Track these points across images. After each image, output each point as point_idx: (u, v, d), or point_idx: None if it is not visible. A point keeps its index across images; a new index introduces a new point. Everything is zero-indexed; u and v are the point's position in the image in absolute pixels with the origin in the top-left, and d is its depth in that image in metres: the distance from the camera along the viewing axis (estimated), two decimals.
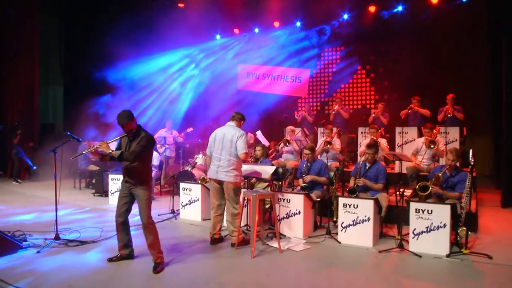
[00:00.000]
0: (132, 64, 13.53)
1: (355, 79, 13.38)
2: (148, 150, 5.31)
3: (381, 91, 12.94)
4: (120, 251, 5.59)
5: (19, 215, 8.35)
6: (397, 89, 12.32)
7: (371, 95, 13.18)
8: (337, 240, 6.43)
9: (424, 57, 11.66)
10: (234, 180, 6.10)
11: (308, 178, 7.30)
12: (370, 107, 13.03)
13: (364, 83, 13.24)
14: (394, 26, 12.06)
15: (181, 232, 7.13)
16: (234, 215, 6.13)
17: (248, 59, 14.85)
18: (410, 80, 11.63)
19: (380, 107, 10.78)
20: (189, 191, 7.88)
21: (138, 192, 5.31)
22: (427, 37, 11.55)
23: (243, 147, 6.09)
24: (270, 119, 13.32)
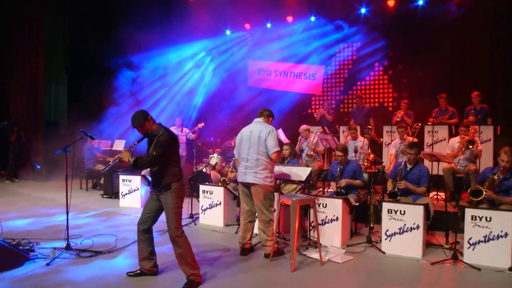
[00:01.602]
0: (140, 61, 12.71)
1: (372, 76, 12.57)
2: (168, 150, 4.42)
3: (400, 89, 12.15)
4: (140, 264, 4.75)
5: (24, 218, 7.55)
6: (417, 86, 11.53)
7: (389, 93, 12.38)
8: (380, 249, 5.66)
9: (447, 52, 10.89)
10: (264, 182, 5.29)
11: (344, 183, 6.50)
12: (388, 105, 12.25)
13: (382, 80, 12.43)
14: (414, 20, 11.27)
15: (204, 240, 6.32)
16: (266, 222, 5.33)
17: (259, 55, 14.01)
18: (432, 77, 10.85)
19: (404, 106, 10.00)
20: (210, 194, 7.07)
21: (164, 199, 4.48)
22: (452, 31, 10.74)
23: (273, 145, 5.28)
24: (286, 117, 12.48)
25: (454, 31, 10.64)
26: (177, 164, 4.55)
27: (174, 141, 4.52)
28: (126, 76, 12.73)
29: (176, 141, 4.57)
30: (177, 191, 4.46)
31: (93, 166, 10.69)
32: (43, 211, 8.15)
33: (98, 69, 13.32)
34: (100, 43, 13.36)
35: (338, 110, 12.63)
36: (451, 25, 10.62)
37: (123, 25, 12.20)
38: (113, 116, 12.15)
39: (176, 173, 4.49)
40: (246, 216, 5.51)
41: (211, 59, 14.33)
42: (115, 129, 12.21)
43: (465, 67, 10.65)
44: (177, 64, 13.51)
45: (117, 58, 12.83)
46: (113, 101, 12.39)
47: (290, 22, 13.20)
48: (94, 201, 9.31)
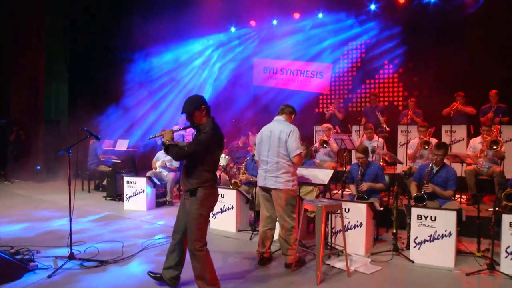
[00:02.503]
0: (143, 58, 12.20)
1: (382, 75, 12.09)
2: (203, 151, 3.82)
3: (410, 87, 11.66)
4: (163, 271, 4.24)
5: (23, 223, 7.03)
6: (428, 84, 11.03)
7: (399, 91, 11.89)
8: (408, 258, 5.18)
9: (461, 50, 10.38)
10: (285, 187, 4.80)
11: (365, 187, 6.02)
12: (398, 104, 11.77)
13: (392, 79, 11.95)
14: (426, 17, 10.78)
15: (216, 247, 5.81)
16: (288, 230, 4.84)
17: (265, 53, 13.51)
18: (444, 75, 10.36)
19: (411, 104, 9.53)
20: (221, 198, 6.56)
21: (188, 206, 3.91)
22: (466, 27, 10.25)
23: (295, 147, 4.80)
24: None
25: (469, 27, 10.15)
26: (211, 169, 3.94)
27: (215, 143, 3.93)
28: (129, 74, 12.20)
29: (219, 144, 3.99)
30: (204, 200, 3.87)
31: (96, 166, 10.18)
32: (44, 215, 7.63)
33: (100, 67, 12.80)
34: (102, 41, 12.89)
35: (346, 109, 12.14)
36: (466, 21, 10.13)
37: (125, 23, 11.75)
38: (116, 115, 11.65)
39: (207, 179, 3.88)
40: (266, 222, 5.02)
41: (217, 56, 13.79)
42: (117, 128, 11.72)
43: (480, 64, 10.16)
44: (182, 61, 12.98)
45: (120, 56, 12.34)
46: (115, 99, 11.87)
47: (297, 19, 12.68)
48: (97, 203, 8.80)
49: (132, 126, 12.07)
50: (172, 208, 8.32)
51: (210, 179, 3.91)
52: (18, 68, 13.11)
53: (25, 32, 13.07)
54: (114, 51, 12.56)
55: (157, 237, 6.29)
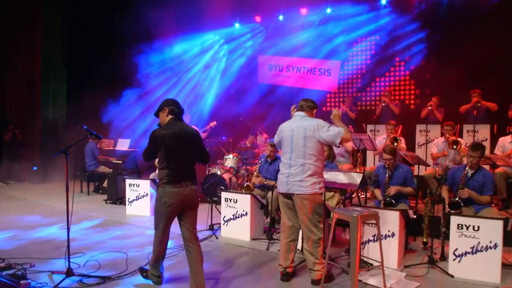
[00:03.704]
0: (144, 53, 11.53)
1: (392, 72, 11.47)
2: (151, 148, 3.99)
3: (423, 85, 11.05)
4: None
5: (15, 230, 6.37)
6: (443, 83, 10.41)
7: (411, 89, 11.28)
8: (446, 272, 4.56)
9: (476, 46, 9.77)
10: (312, 191, 4.18)
11: (394, 191, 5.40)
12: (410, 102, 11.15)
13: (403, 76, 11.34)
14: (440, 12, 10.17)
15: (230, 258, 5.20)
16: (315, 242, 4.22)
17: (270, 49, 12.86)
18: (458, 73, 9.74)
19: (434, 101, 8.91)
20: (234, 203, 5.93)
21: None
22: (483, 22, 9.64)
23: (334, 132, 4.15)
24: None
25: (486, 23, 9.54)
26: (165, 166, 3.89)
27: (155, 141, 3.91)
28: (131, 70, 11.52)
29: (157, 141, 3.89)
30: (160, 197, 3.93)
31: (95, 168, 9.51)
32: (39, 221, 6.98)
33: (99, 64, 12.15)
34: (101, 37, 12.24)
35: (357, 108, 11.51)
36: (482, 16, 9.51)
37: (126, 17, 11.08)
38: (116, 113, 10.99)
39: (162, 176, 3.91)
40: (288, 233, 4.39)
41: (222, 53, 13.11)
42: (117, 127, 11.08)
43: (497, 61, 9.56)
44: (185, 58, 12.31)
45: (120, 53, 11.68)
46: (116, 97, 11.20)
47: (304, 14, 12.04)
48: (97, 207, 8.14)
49: (133, 123, 11.44)
50: None
51: (165, 176, 3.89)
52: (13, 65, 12.48)
53: (21, 29, 12.44)
54: (115, 47, 11.90)
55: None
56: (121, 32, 11.59)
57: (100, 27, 12.39)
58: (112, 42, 12.22)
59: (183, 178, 3.92)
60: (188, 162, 4.06)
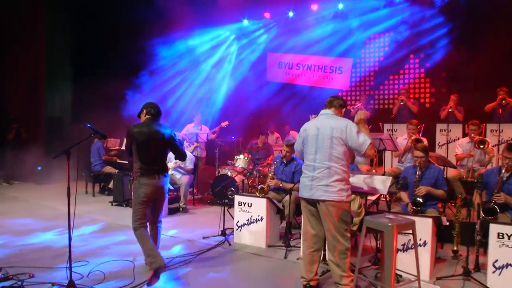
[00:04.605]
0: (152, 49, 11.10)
1: (407, 69, 10.98)
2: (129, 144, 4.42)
3: (438, 83, 10.55)
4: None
5: (16, 235, 5.94)
6: (458, 81, 9.90)
7: (426, 87, 10.79)
8: (484, 285, 4.09)
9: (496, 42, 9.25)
10: (339, 197, 3.72)
11: (424, 190, 4.92)
12: (425, 101, 10.65)
13: (418, 74, 10.85)
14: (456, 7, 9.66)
15: (245, 267, 4.76)
16: (342, 252, 3.76)
17: (279, 46, 12.40)
18: (476, 71, 9.24)
19: (454, 99, 8.41)
20: (248, 207, 5.48)
21: None
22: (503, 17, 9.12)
23: (362, 139, 3.73)
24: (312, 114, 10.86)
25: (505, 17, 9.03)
26: (137, 159, 4.34)
27: (128, 136, 4.39)
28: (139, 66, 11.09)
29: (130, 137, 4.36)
30: (136, 188, 4.35)
31: (101, 168, 9.09)
32: (40, 225, 6.56)
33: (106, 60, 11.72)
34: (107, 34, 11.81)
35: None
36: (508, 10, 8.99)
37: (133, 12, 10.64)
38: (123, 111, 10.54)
39: (136, 169, 4.35)
40: (311, 243, 3.94)
41: (232, 49, 12.65)
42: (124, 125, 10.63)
43: None
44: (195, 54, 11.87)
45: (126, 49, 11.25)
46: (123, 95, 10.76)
47: (314, 10, 11.56)
48: (102, 209, 7.72)
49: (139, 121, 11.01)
50: (187, 216, 7.24)
51: (138, 170, 4.31)
52: (17, 64, 12.13)
53: (24, 26, 12.08)
54: (120, 43, 11.48)
55: (174, 250, 5.27)
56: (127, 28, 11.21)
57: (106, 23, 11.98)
58: (118, 38, 11.82)
59: (155, 171, 4.34)
60: (159, 157, 4.45)
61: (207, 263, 4.81)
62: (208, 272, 4.54)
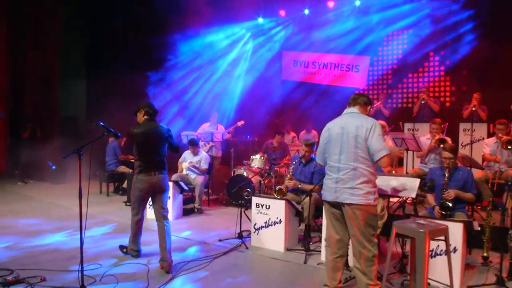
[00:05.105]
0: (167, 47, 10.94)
1: (426, 67, 10.62)
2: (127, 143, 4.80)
3: (459, 81, 10.19)
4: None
5: (28, 236, 5.80)
6: (481, 79, 9.52)
7: (446, 86, 10.43)
8: None
9: None
10: (366, 201, 3.47)
11: (453, 194, 4.63)
12: (445, 100, 10.29)
13: (438, 72, 10.49)
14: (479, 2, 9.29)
15: (263, 272, 4.54)
16: (368, 259, 3.50)
17: (295, 45, 12.14)
18: (501, 68, 8.88)
19: (477, 98, 8.08)
20: (266, 209, 5.25)
21: None
22: None
23: (381, 146, 3.48)
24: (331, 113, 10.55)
25: None
26: (138, 158, 4.63)
27: (130, 137, 4.63)
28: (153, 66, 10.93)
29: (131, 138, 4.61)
30: (134, 183, 4.68)
31: (115, 167, 8.94)
32: (53, 225, 6.41)
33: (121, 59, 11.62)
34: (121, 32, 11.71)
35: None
36: None
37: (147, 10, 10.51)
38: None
39: (136, 167, 4.65)
40: (335, 248, 3.69)
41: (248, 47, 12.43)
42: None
43: None
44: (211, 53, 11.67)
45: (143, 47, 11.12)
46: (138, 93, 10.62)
47: (331, 7, 11.26)
48: (116, 210, 7.56)
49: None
50: (202, 217, 7.04)
51: (138, 166, 4.61)
52: (32, 63, 12.09)
53: (39, 27, 12.07)
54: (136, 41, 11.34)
55: (189, 253, 5.09)
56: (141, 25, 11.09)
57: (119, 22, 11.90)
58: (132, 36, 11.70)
59: (152, 168, 4.59)
60: (157, 155, 4.66)
61: (224, 267, 4.60)
62: (225, 277, 4.33)
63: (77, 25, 13.33)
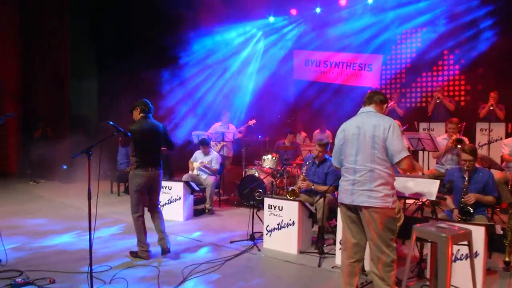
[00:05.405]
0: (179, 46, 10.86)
1: (440, 66, 10.39)
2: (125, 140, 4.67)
3: (474, 80, 9.95)
4: None
5: (37, 236, 5.73)
6: (498, 77, 9.27)
7: (461, 85, 10.19)
8: None
9: None
10: (384, 204, 3.31)
11: (474, 198, 4.44)
12: (460, 99, 10.06)
13: (452, 71, 10.26)
14: None
15: (276, 277, 4.40)
16: (386, 265, 3.35)
17: (307, 43, 11.97)
18: None
19: (494, 97, 7.87)
20: (279, 211, 5.12)
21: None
22: None
23: (400, 147, 3.32)
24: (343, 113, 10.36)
25: None
26: (134, 154, 4.68)
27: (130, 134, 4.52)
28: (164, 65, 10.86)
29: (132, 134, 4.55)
30: (131, 178, 4.73)
31: (126, 167, 8.83)
32: (64, 225, 6.33)
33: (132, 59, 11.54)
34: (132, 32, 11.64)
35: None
36: None
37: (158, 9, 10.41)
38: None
39: (132, 163, 4.72)
40: (352, 252, 3.54)
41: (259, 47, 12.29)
42: None
43: None
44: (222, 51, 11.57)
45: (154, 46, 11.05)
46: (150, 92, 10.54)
47: (343, 5, 11.07)
48: (126, 210, 7.26)
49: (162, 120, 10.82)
50: (213, 218, 6.93)
51: (135, 162, 4.68)
52: (44, 64, 12.08)
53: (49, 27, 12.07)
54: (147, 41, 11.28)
55: (200, 255, 4.98)
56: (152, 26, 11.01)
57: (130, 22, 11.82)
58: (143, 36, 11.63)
59: (149, 164, 4.69)
60: (153, 151, 4.78)
61: (236, 270, 4.49)
62: (238, 280, 4.22)
63: (88, 24, 13.29)
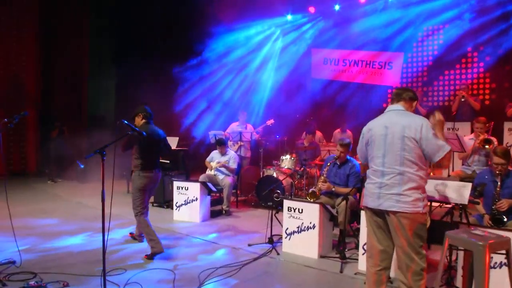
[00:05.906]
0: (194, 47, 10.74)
1: (464, 64, 10.04)
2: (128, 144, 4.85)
3: (500, 78, 9.55)
4: None
5: (56, 237, 5.63)
6: None
7: (486, 83, 9.81)
8: None
9: None
10: (414, 209, 3.08)
11: (506, 205, 4.14)
12: (484, 97, 9.67)
13: (477, 68, 9.88)
14: None
15: (298, 282, 4.19)
16: (416, 273, 3.11)
17: (326, 42, 11.70)
18: None
19: None
20: (298, 213, 4.91)
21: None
22: None
23: (439, 144, 3.08)
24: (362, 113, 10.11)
25: None
26: (139, 157, 4.82)
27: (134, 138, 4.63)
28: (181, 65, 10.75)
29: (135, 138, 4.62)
30: (136, 179, 4.84)
31: None
32: (80, 226, 6.24)
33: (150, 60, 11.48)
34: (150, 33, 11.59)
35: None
36: None
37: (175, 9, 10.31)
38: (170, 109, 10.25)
39: (136, 165, 4.85)
40: (378, 260, 3.31)
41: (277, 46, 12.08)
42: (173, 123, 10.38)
43: None
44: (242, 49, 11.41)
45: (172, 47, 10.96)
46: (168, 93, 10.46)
47: (362, 2, 10.80)
48: None
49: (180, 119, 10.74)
50: (230, 220, 6.75)
51: (139, 165, 4.82)
52: (62, 64, 12.13)
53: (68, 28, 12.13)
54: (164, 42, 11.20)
55: (218, 257, 4.85)
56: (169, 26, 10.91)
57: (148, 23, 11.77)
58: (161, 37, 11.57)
59: (152, 166, 4.88)
60: (156, 155, 5.03)
61: (255, 275, 4.30)
62: (256, 285, 4.06)
63: (105, 24, 13.27)
